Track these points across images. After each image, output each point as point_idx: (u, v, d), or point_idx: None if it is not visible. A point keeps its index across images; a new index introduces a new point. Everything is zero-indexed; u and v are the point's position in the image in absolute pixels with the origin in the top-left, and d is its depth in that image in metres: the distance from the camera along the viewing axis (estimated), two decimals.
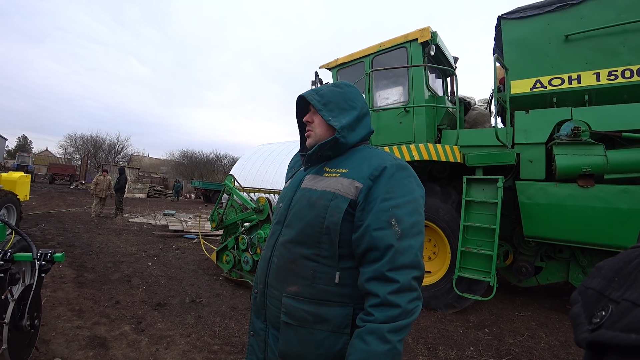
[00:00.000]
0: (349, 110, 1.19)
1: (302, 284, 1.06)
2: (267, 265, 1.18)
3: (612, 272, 0.40)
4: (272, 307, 1.13)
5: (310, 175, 1.19)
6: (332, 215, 1.04)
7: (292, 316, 1.05)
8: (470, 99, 5.86)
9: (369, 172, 1.06)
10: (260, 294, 1.19)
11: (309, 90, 1.22)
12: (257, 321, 1.20)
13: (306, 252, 1.08)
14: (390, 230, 0.97)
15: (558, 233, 4.01)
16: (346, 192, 1.06)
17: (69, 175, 31.36)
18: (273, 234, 1.21)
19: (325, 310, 1.03)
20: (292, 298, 1.07)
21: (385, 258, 0.95)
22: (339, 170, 1.13)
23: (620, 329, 0.33)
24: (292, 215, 1.15)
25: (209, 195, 25.16)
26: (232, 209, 5.77)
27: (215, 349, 3.10)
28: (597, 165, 3.75)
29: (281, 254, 1.13)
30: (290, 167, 1.41)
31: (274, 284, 1.13)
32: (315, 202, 1.09)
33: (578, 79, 4.14)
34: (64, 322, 3.36)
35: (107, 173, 12.15)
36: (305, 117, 1.24)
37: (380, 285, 0.93)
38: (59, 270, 4.97)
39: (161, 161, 51.21)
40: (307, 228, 1.08)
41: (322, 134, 1.19)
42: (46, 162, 42.87)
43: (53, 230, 8.16)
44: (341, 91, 1.20)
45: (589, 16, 4.12)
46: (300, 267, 1.08)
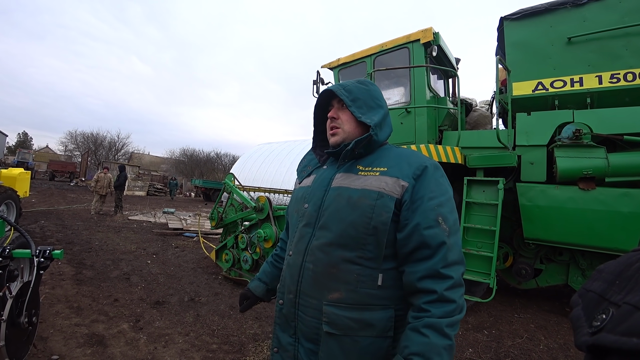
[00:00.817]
0: (376, 108, 1.16)
1: (345, 289, 1.01)
2: (299, 273, 1.08)
3: (613, 275, 0.40)
4: (308, 318, 1.05)
5: (341, 174, 1.13)
6: (379, 214, 1.01)
7: (335, 325, 1.00)
8: (472, 100, 5.85)
9: (411, 171, 1.04)
10: (289, 304, 1.11)
11: (335, 85, 1.17)
12: (283, 335, 1.12)
13: (349, 255, 1.02)
14: (439, 228, 0.97)
15: (558, 235, 4.01)
16: (391, 190, 1.02)
17: (69, 173, 31.33)
18: (302, 238, 1.11)
19: (369, 314, 1.00)
20: (335, 306, 1.01)
21: (439, 256, 0.95)
22: (376, 169, 1.08)
23: (622, 332, 0.32)
24: (327, 216, 1.07)
25: (209, 194, 25.15)
26: (231, 208, 5.76)
27: (214, 347, 3.09)
28: (598, 168, 3.74)
29: (318, 259, 1.05)
30: (304, 165, 1.32)
31: (311, 292, 1.06)
32: (358, 202, 1.03)
33: (580, 82, 4.13)
34: (62, 320, 3.36)
35: (107, 170, 12.14)
36: (331, 113, 1.18)
37: (435, 282, 0.93)
38: (57, 267, 4.97)
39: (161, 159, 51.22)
40: (350, 229, 1.02)
41: (350, 130, 1.15)
42: (46, 158, 42.89)
43: (52, 227, 8.16)
44: (367, 88, 1.17)
45: (591, 19, 4.11)
46: (342, 271, 1.02)
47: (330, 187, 1.12)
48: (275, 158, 22.07)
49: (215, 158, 43.57)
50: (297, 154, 21.27)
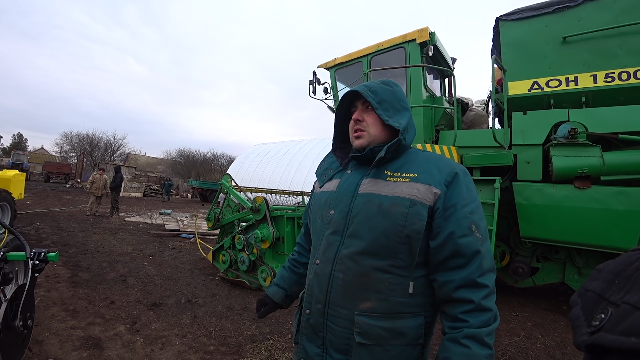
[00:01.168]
0: (402, 110, 1.12)
1: (377, 298, 0.99)
2: (328, 282, 1.05)
3: (612, 275, 0.40)
4: (338, 328, 1.02)
5: (369, 179, 1.08)
6: (413, 223, 0.98)
7: (367, 335, 0.98)
8: (468, 99, 5.87)
9: (442, 178, 1.02)
10: (317, 314, 1.07)
11: (360, 86, 1.12)
12: (310, 346, 1.09)
13: (380, 263, 1.00)
14: (473, 236, 0.96)
15: (554, 234, 4.03)
16: (424, 198, 0.99)
17: (64, 174, 31.13)
18: (330, 246, 1.07)
19: (400, 323, 0.99)
20: (366, 315, 0.99)
21: (474, 264, 0.94)
22: (406, 175, 1.05)
23: (620, 332, 0.32)
24: (357, 223, 1.04)
25: (205, 195, 25.09)
26: (228, 209, 5.74)
27: (211, 349, 3.08)
28: (593, 167, 3.77)
29: (348, 268, 1.02)
30: (325, 168, 1.27)
31: (341, 302, 1.03)
32: (390, 209, 1.00)
33: (575, 81, 4.15)
34: (57, 323, 3.33)
35: (103, 172, 12.08)
36: (355, 115, 1.13)
37: (471, 292, 0.93)
38: (53, 269, 4.93)
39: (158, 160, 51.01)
40: (382, 238, 1.00)
41: (377, 134, 1.11)
42: (42, 160, 42.57)
43: (48, 229, 8.10)
44: (392, 90, 1.13)
45: (586, 18, 4.13)
46: (373, 280, 1.00)
47: (357, 193, 1.08)
48: (272, 158, 22.05)
49: (211, 159, 43.47)
50: (293, 155, 21.26)
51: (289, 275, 1.40)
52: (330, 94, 5.90)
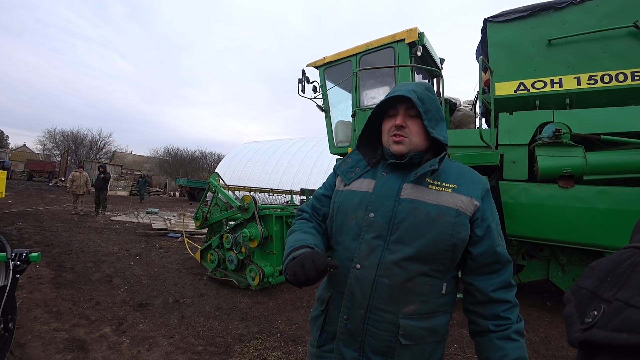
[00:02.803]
0: (441, 121, 1.13)
1: (419, 300, 1.04)
2: (372, 287, 1.05)
3: (605, 272, 0.40)
4: (381, 332, 1.04)
5: (410, 185, 1.08)
6: (459, 232, 1.04)
7: (410, 337, 1.03)
8: (456, 100, 5.94)
9: (479, 191, 1.10)
10: (357, 319, 1.06)
11: (410, 91, 1.07)
12: (347, 350, 1.09)
13: (424, 268, 1.04)
14: (502, 245, 1.09)
15: (539, 232, 4.11)
16: (467, 209, 1.06)
17: (47, 172, 30.38)
18: (373, 251, 1.05)
19: (435, 321, 1.06)
20: (410, 318, 1.03)
21: (508, 270, 1.08)
22: (446, 185, 1.09)
23: (612, 328, 0.33)
24: (404, 230, 1.04)
25: (193, 194, 24.78)
26: (216, 207, 5.69)
27: (199, 349, 3.05)
28: (576, 167, 3.86)
29: (394, 274, 1.03)
30: (351, 166, 1.22)
31: (385, 306, 1.04)
32: (437, 218, 1.03)
33: (560, 83, 4.24)
34: (40, 325, 3.25)
35: (82, 169, 11.82)
36: (399, 121, 1.10)
37: (507, 292, 1.06)
38: (36, 270, 4.81)
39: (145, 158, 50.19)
40: (430, 245, 1.03)
41: (419, 143, 1.11)
42: (24, 158, 41.44)
43: (30, 229, 7.89)
44: (434, 98, 1.12)
45: (571, 22, 4.22)
46: (418, 284, 1.04)
47: (400, 198, 1.08)
48: (260, 157, 21.95)
49: (199, 157, 42.98)
50: (282, 153, 21.20)
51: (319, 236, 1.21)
52: (319, 93, 5.89)
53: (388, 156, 1.15)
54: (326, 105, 5.93)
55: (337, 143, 5.97)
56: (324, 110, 5.98)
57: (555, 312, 4.56)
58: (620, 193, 3.71)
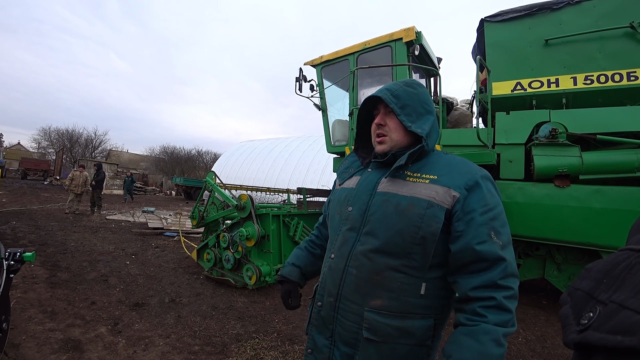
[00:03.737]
0: (426, 114, 1.11)
1: (388, 296, 1.01)
2: (341, 277, 1.07)
3: (601, 274, 0.40)
4: (348, 322, 1.05)
5: (388, 178, 1.09)
6: (429, 225, 0.98)
7: (375, 332, 1.00)
8: (453, 99, 5.95)
9: (463, 182, 1.01)
10: (328, 307, 1.10)
11: (383, 90, 1.11)
12: (319, 337, 1.12)
13: (393, 263, 1.01)
14: (492, 242, 0.95)
15: (535, 231, 4.13)
16: (442, 200, 0.99)
17: (42, 171, 30.14)
18: (346, 242, 1.10)
19: (410, 323, 1.00)
20: (376, 313, 1.01)
21: (497, 268, 0.93)
22: (425, 176, 1.05)
23: (607, 330, 0.33)
24: (374, 222, 1.05)
25: (190, 192, 24.68)
26: (213, 206, 5.66)
27: (196, 349, 3.03)
28: (572, 166, 3.88)
29: (362, 265, 1.04)
30: (346, 167, 1.28)
31: (352, 297, 1.05)
32: (407, 210, 1.01)
33: (556, 83, 4.26)
34: (35, 325, 3.22)
35: (83, 168, 11.74)
36: (377, 120, 1.13)
37: (493, 291, 0.92)
38: (30, 270, 4.77)
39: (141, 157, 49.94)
40: (397, 238, 1.00)
41: (399, 139, 1.11)
42: (18, 156, 41.07)
43: (25, 228, 7.82)
44: (416, 92, 1.11)
45: (568, 22, 4.24)
46: (386, 279, 1.01)
47: (376, 192, 1.09)
48: (257, 156, 21.90)
49: (196, 156, 42.80)
50: (279, 152, 21.16)
51: (305, 254, 1.42)
52: (316, 92, 5.88)
53: (375, 155, 1.19)
54: (323, 104, 5.92)
55: (334, 142, 5.97)
56: (321, 109, 5.97)
57: (551, 310, 4.58)
58: (615, 193, 3.74)
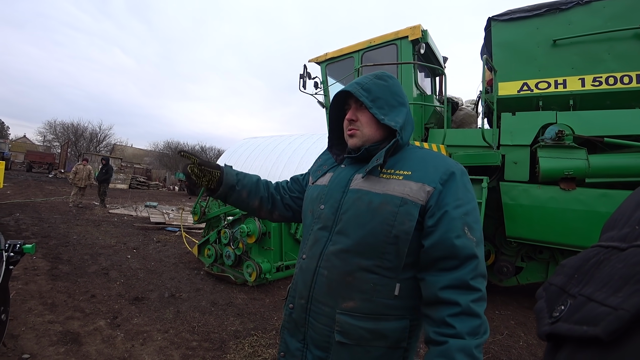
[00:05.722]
0: (398, 106, 1.07)
1: (360, 298, 0.97)
2: (312, 278, 1.03)
3: (573, 270, 0.43)
4: (320, 325, 1.01)
5: (361, 175, 1.05)
6: (402, 222, 0.94)
7: (348, 335, 0.96)
8: (458, 99, 5.90)
9: (438, 176, 0.97)
10: (299, 309, 1.06)
11: (352, 84, 1.07)
12: (291, 340, 1.08)
13: (366, 263, 0.97)
14: (466, 238, 0.92)
15: (539, 234, 4.08)
16: (416, 197, 0.95)
17: (47, 164, 30.26)
18: (317, 242, 1.05)
19: (384, 325, 0.96)
20: (348, 315, 0.97)
21: (468, 266, 0.90)
22: (399, 172, 1.01)
23: (575, 321, 0.35)
24: (345, 221, 1.01)
25: (192, 188, 24.73)
26: (215, 202, 5.66)
27: (194, 345, 3.02)
28: (579, 169, 3.82)
29: (333, 266, 1.00)
30: (319, 165, 1.24)
31: (324, 299, 1.01)
32: (379, 208, 0.97)
33: (564, 84, 4.20)
34: (34, 317, 3.23)
35: (87, 162, 11.79)
36: (349, 115, 1.09)
37: (459, 294, 0.87)
38: (32, 262, 4.79)
39: (145, 152, 50.08)
40: (370, 237, 0.97)
41: (371, 133, 1.07)
42: (24, 149, 41.34)
43: (28, 220, 7.86)
44: (386, 84, 1.07)
45: (576, 22, 4.18)
46: (358, 280, 0.97)
47: (348, 189, 1.05)
48: (260, 153, 21.92)
49: (200, 152, 42.90)
50: (282, 149, 21.17)
51: (254, 181, 1.29)
52: (320, 89, 5.84)
53: (348, 152, 1.15)
54: (327, 101, 5.88)
55: None
56: (325, 106, 5.94)
57: None
58: (622, 196, 3.67)
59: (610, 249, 0.40)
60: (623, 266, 0.35)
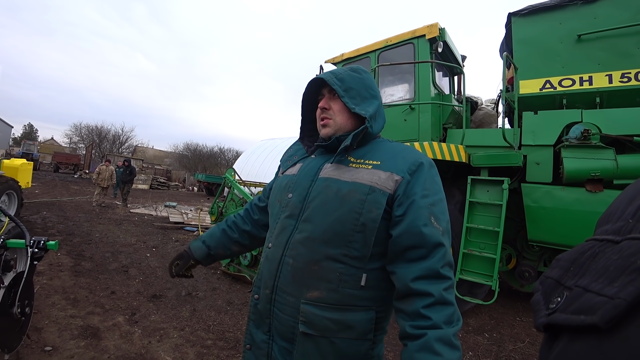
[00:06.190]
0: (370, 98, 1.10)
1: (326, 288, 0.96)
2: (278, 267, 1.02)
3: (569, 263, 0.44)
4: (284, 316, 1.00)
5: (331, 165, 1.06)
6: (369, 210, 0.95)
7: (312, 325, 0.95)
8: (477, 98, 5.76)
9: (406, 166, 0.99)
10: (264, 300, 1.05)
11: (326, 73, 1.09)
12: (257, 332, 1.07)
13: (332, 252, 0.96)
14: (433, 227, 0.92)
15: (563, 238, 3.92)
16: (384, 185, 0.96)
17: (73, 165, 31.43)
18: (284, 230, 1.05)
19: (350, 316, 0.95)
20: (313, 305, 0.96)
21: (436, 255, 0.90)
22: (369, 162, 1.02)
23: (572, 311, 0.36)
24: (312, 208, 1.01)
25: (211, 188, 25.12)
26: (232, 203, 5.71)
27: (209, 343, 3.05)
28: (606, 170, 3.65)
29: (299, 254, 0.99)
30: (289, 155, 1.25)
31: (288, 288, 1.00)
32: (347, 196, 0.97)
33: (590, 81, 4.02)
34: (57, 311, 3.33)
35: (109, 163, 12.17)
36: (322, 103, 1.10)
37: (431, 284, 0.88)
38: (56, 258, 4.96)
39: (165, 153, 51.32)
40: (337, 225, 0.96)
41: (343, 122, 1.08)
42: (51, 150, 43.06)
43: (54, 218, 8.17)
44: (360, 77, 1.10)
45: (603, 16, 4.00)
46: (324, 269, 0.96)
47: (317, 177, 1.06)
48: (278, 154, 22.02)
49: (218, 153, 43.62)
50: None
51: (219, 235, 1.36)
52: None
53: (320, 142, 1.15)
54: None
55: None
56: None
57: None
58: None
59: (605, 242, 0.41)
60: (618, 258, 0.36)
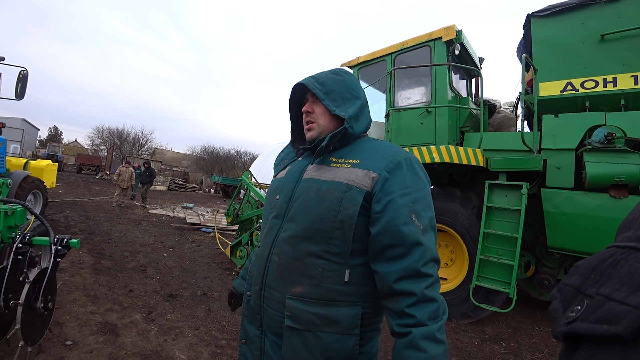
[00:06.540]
0: (352, 99, 1.12)
1: (309, 283, 0.99)
2: (265, 264, 1.08)
3: (588, 270, 0.42)
4: (272, 311, 1.04)
5: (314, 166, 1.10)
6: (347, 208, 0.97)
7: (297, 320, 0.98)
8: (496, 101, 5.65)
9: (384, 164, 1.00)
10: (255, 296, 1.10)
11: (307, 78, 1.13)
12: (250, 327, 1.11)
13: (314, 248, 0.99)
14: (413, 225, 0.93)
15: (585, 245, 3.79)
16: (361, 183, 0.99)
17: (95, 166, 32.44)
18: (271, 229, 1.10)
19: (334, 311, 0.97)
20: (298, 300, 0.99)
21: (415, 254, 0.91)
22: (349, 161, 1.05)
23: (594, 320, 0.35)
24: (296, 208, 1.05)
25: (227, 191, 25.45)
26: (248, 205, 5.77)
27: (223, 343, 3.09)
28: (631, 175, 3.51)
29: (283, 252, 1.04)
30: (281, 159, 1.31)
31: (275, 284, 1.04)
32: (326, 194, 1.01)
33: (614, 82, 3.89)
34: (78, 307, 3.44)
35: (129, 164, 12.50)
36: (305, 107, 1.14)
37: (413, 283, 0.89)
38: (78, 256, 5.12)
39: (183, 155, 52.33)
40: (317, 222, 1.00)
41: (325, 124, 1.12)
42: (75, 152, 44.54)
43: (76, 217, 8.44)
44: (342, 79, 1.13)
45: (627, 15, 3.87)
46: (307, 265, 1.00)
47: (301, 179, 1.10)
48: None
49: (235, 155, 44.19)
50: None
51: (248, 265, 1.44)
52: None
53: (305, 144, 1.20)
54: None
55: None
56: None
57: None
58: None
59: (627, 249, 0.40)
60: None
